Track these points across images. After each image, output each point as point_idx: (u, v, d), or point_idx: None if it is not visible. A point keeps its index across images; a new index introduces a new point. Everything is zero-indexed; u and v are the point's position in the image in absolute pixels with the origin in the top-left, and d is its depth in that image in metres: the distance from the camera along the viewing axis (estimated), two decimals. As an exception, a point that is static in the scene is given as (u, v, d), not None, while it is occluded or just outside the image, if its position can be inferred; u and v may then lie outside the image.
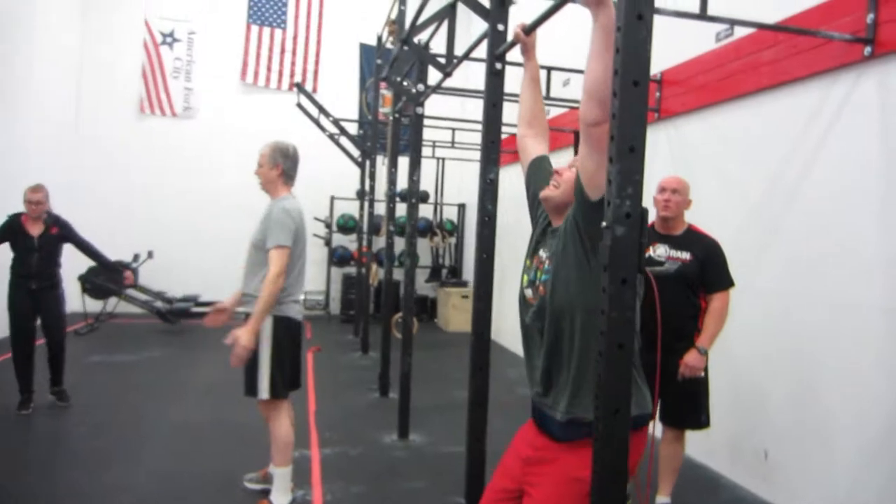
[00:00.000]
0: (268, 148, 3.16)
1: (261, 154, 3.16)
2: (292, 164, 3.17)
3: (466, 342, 8.48)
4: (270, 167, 3.11)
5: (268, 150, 3.15)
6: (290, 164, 3.15)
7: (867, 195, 2.69)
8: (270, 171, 3.11)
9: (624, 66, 1.29)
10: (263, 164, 3.13)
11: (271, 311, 2.94)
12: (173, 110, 9.04)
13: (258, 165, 3.15)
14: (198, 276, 8.58)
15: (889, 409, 2.59)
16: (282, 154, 3.12)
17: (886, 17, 2.54)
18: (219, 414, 4.50)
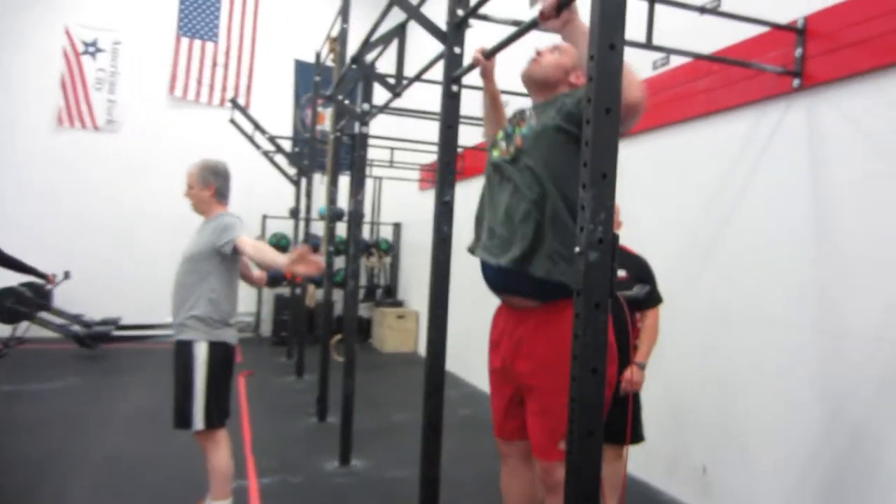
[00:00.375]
0: (195, 167, 3.01)
1: (188, 174, 3.00)
2: (224, 181, 3.04)
3: (403, 363, 8.52)
4: (201, 188, 2.97)
5: (196, 169, 3.00)
6: (222, 182, 3.02)
7: (797, 218, 2.84)
8: (202, 192, 2.97)
9: (597, 94, 1.31)
10: (193, 186, 2.98)
11: (206, 337, 2.82)
12: (95, 123, 8.62)
13: (188, 187, 3.00)
14: (119, 298, 8.20)
15: (819, 426, 2.72)
16: (212, 172, 2.99)
17: (813, 52, 2.71)
18: (149, 445, 4.27)
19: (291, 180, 7.56)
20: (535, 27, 1.85)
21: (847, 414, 2.60)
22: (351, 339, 4.05)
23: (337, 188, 5.09)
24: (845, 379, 2.62)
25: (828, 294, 2.70)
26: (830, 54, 2.62)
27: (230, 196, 3.07)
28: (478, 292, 2.02)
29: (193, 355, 2.80)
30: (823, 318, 2.71)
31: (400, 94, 3.23)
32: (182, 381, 2.81)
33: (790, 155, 2.88)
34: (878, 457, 2.46)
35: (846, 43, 2.55)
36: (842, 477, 2.61)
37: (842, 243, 2.64)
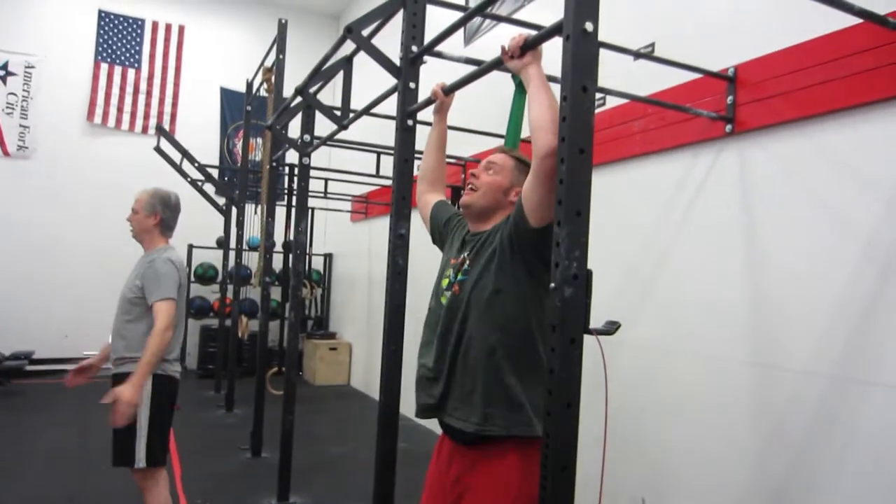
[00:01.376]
0: (146, 194, 2.93)
1: (137, 199, 2.93)
2: (172, 214, 2.98)
3: (335, 396, 8.39)
4: (147, 215, 2.89)
5: (146, 195, 2.93)
6: (169, 215, 2.96)
7: (730, 256, 2.98)
8: (146, 220, 2.90)
9: (570, 134, 1.37)
10: (139, 211, 2.90)
11: (153, 371, 2.71)
12: (5, 149, 8.16)
13: (132, 211, 2.92)
14: (32, 330, 7.72)
15: (755, 458, 2.83)
16: (162, 202, 2.93)
17: (744, 99, 2.88)
18: (73, 484, 4.02)
19: (220, 210, 7.37)
20: (496, 67, 1.90)
21: (782, 446, 2.72)
22: (291, 373, 3.96)
23: (274, 219, 5.00)
24: (780, 412, 2.74)
25: (763, 330, 2.84)
26: (759, 102, 2.80)
27: (174, 229, 2.99)
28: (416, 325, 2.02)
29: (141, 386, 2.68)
30: (759, 353, 2.85)
31: (347, 126, 3.23)
32: None
33: (723, 196, 3.04)
34: (811, 489, 2.58)
35: (774, 93, 2.73)
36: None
37: (773, 282, 2.79)
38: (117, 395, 2.55)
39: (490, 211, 1.93)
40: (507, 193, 1.93)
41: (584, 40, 1.36)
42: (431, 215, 2.23)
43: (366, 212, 8.10)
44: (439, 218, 2.19)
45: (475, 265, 1.84)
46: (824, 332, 2.57)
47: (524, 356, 1.78)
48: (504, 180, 1.93)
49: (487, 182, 1.93)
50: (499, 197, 1.93)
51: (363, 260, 8.27)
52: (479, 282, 1.80)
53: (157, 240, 2.92)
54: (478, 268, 1.82)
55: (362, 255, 8.32)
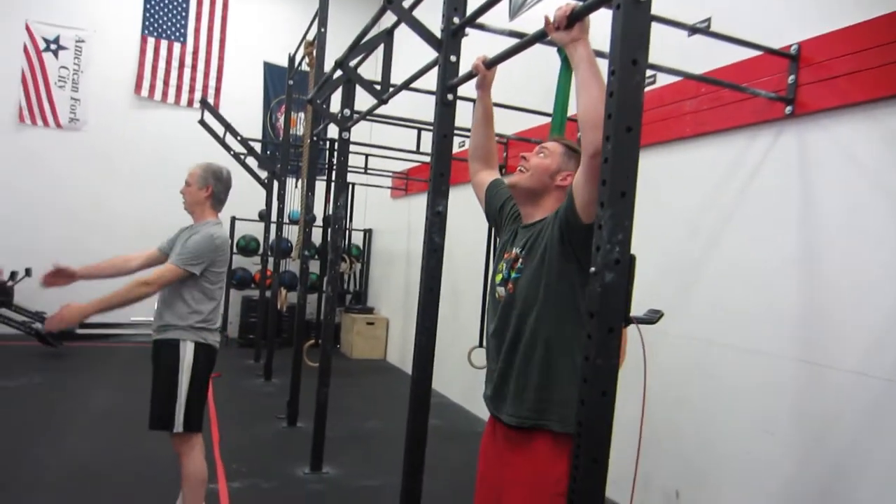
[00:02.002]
0: (199, 168, 2.99)
1: (190, 173, 2.98)
2: (224, 188, 3.02)
3: (372, 369, 8.47)
4: (200, 188, 2.94)
5: (199, 169, 2.98)
6: (221, 188, 3.00)
7: (784, 247, 2.85)
8: (199, 192, 2.94)
9: (618, 111, 1.29)
10: (192, 184, 2.95)
11: (193, 338, 2.76)
12: (58, 121, 8.35)
13: (185, 184, 2.97)
14: (82, 296, 7.92)
15: (797, 456, 2.74)
16: (214, 176, 2.97)
17: (806, 80, 2.72)
18: (115, 446, 4.14)
19: (262, 183, 7.43)
20: (540, 39, 1.83)
21: (826, 446, 2.61)
22: (327, 346, 3.97)
23: (314, 193, 5.00)
24: (826, 411, 2.63)
25: (812, 325, 2.71)
26: (824, 83, 2.64)
27: (225, 203, 3.02)
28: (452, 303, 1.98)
29: (179, 356, 2.75)
30: (807, 348, 2.73)
31: (386, 100, 3.18)
32: (165, 382, 2.75)
33: (780, 182, 2.89)
34: (856, 492, 2.48)
35: (840, 72, 2.56)
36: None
37: (829, 274, 2.66)
38: (67, 304, 2.61)
39: (537, 194, 1.90)
40: (555, 177, 1.89)
41: (636, 10, 1.28)
42: (487, 198, 2.18)
43: (406, 188, 8.07)
44: (494, 202, 2.14)
45: (528, 263, 1.82)
46: (882, 332, 2.43)
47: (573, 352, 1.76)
48: (552, 164, 1.90)
49: (536, 164, 1.91)
50: (545, 180, 1.89)
51: (402, 236, 8.26)
52: (532, 280, 1.79)
53: (207, 213, 2.96)
54: (531, 266, 1.80)
55: (401, 231, 8.31)
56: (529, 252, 1.82)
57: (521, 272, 1.82)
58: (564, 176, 1.88)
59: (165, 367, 2.75)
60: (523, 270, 1.82)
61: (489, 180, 2.17)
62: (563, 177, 1.88)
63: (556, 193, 1.88)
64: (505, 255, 1.94)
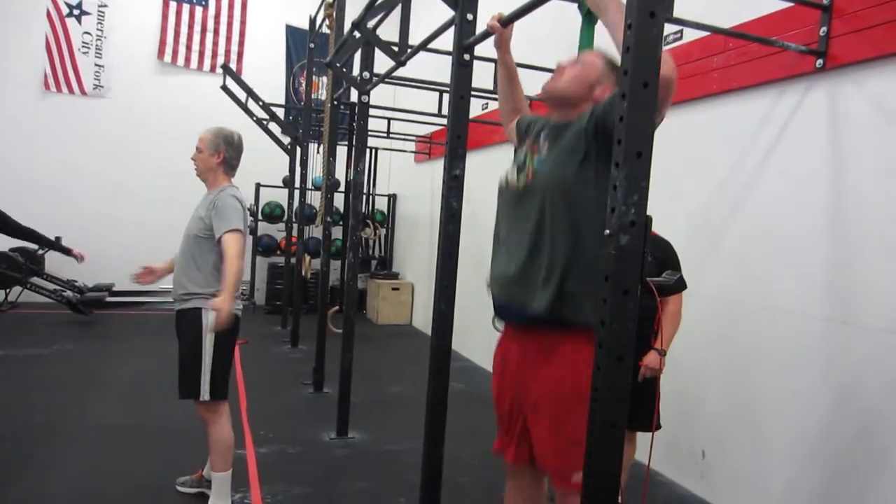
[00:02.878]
0: (209, 133, 2.93)
1: (201, 138, 2.93)
2: (236, 153, 2.98)
3: (397, 334, 8.50)
4: (211, 153, 2.90)
5: (209, 135, 2.93)
6: (233, 153, 2.96)
7: (813, 206, 2.77)
8: (210, 159, 2.90)
9: (635, 66, 1.24)
10: (203, 150, 2.91)
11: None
12: (83, 88, 8.41)
13: (196, 150, 2.93)
14: (111, 263, 8.07)
15: (823, 416, 2.70)
16: (225, 141, 2.93)
17: (839, 31, 2.61)
18: (144, 412, 4.24)
19: (285, 149, 7.43)
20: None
21: (855, 405, 2.57)
22: (350, 313, 3.99)
23: (335, 159, 4.98)
24: (855, 370, 2.58)
25: (841, 284, 2.65)
26: (857, 34, 2.52)
27: (237, 169, 3.00)
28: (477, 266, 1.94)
29: (202, 324, 2.76)
30: (835, 307, 2.67)
31: (404, 62, 3.12)
32: (190, 351, 2.76)
33: (809, 139, 2.79)
34: (885, 449, 2.44)
35: (875, 22, 2.44)
36: (846, 467, 2.59)
37: (858, 232, 2.58)
38: (217, 305, 2.63)
39: (573, 102, 1.82)
40: (593, 88, 1.81)
41: (653, -41, 1.21)
42: (516, 128, 2.12)
43: (429, 152, 8.01)
44: (522, 126, 2.07)
45: (553, 150, 1.75)
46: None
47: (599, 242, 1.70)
48: (592, 74, 1.82)
49: (574, 73, 1.83)
50: (584, 90, 1.82)
51: (426, 201, 8.24)
52: (557, 166, 1.72)
53: (220, 178, 2.93)
54: (556, 152, 1.73)
55: (425, 196, 8.28)
56: (556, 140, 1.75)
57: (543, 162, 1.76)
58: (604, 88, 1.80)
59: (189, 336, 2.77)
60: (547, 158, 1.75)
61: (518, 118, 2.14)
62: (602, 89, 1.80)
63: (596, 94, 1.80)
64: (527, 144, 1.88)
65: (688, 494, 3.40)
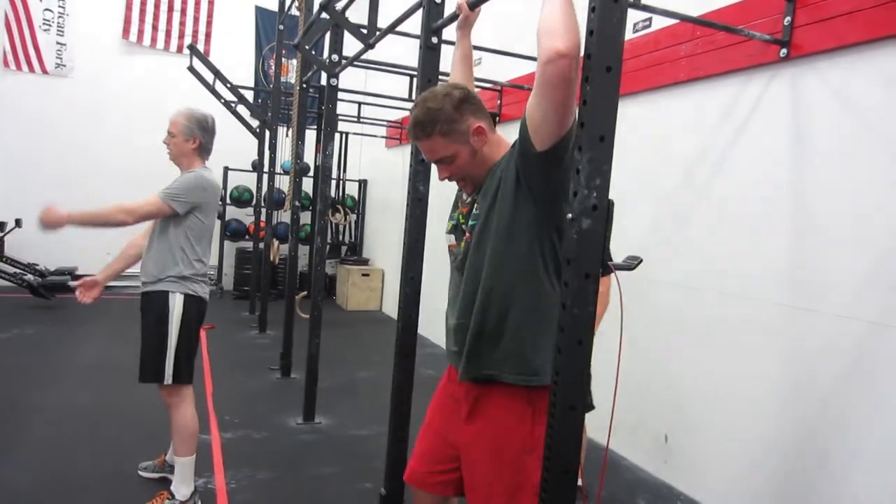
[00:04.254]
0: (182, 117, 2.83)
1: (173, 122, 2.82)
2: (210, 137, 2.90)
3: (366, 321, 8.44)
4: (186, 139, 2.80)
5: (182, 118, 2.82)
6: (207, 139, 2.88)
7: (776, 193, 2.82)
8: (185, 144, 2.81)
9: (598, 50, 1.23)
10: (177, 135, 2.80)
11: (182, 290, 2.73)
12: (44, 67, 8.18)
13: (169, 135, 2.82)
14: (73, 247, 7.89)
15: (784, 399, 2.76)
16: (199, 126, 2.83)
17: (802, 21, 2.64)
18: (106, 396, 4.17)
19: (254, 133, 7.32)
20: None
21: (814, 388, 2.63)
22: (317, 297, 3.97)
23: (304, 143, 4.92)
24: (815, 355, 2.63)
25: (802, 270, 2.70)
26: (820, 24, 2.56)
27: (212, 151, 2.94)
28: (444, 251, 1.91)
29: (169, 307, 2.71)
30: (796, 293, 2.72)
31: (373, 45, 3.08)
32: (154, 334, 2.72)
33: (772, 127, 2.84)
34: (842, 432, 2.50)
35: (837, 12, 2.48)
36: (805, 449, 2.65)
37: (819, 220, 2.63)
38: (49, 208, 2.54)
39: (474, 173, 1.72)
40: (474, 154, 1.70)
41: (617, -59, 1.21)
42: None
43: (400, 138, 7.96)
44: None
45: (482, 206, 1.67)
46: (869, 276, 2.43)
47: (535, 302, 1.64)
48: (461, 160, 1.69)
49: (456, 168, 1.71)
50: (471, 168, 1.71)
51: (397, 186, 8.19)
52: (487, 224, 1.64)
53: (195, 162, 2.85)
54: (484, 208, 1.65)
55: (397, 181, 8.23)
56: (484, 196, 1.67)
57: (476, 218, 1.68)
58: (473, 128, 1.65)
59: (154, 319, 2.72)
60: (478, 216, 1.67)
61: None
62: (474, 129, 1.66)
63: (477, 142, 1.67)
64: (458, 202, 1.83)
65: (650, 478, 3.46)
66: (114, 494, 2.89)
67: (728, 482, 3.02)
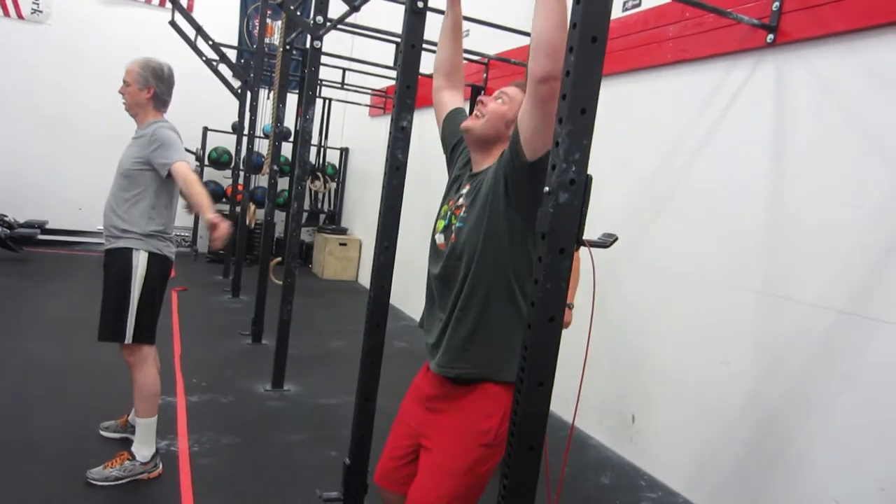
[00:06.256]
0: (137, 65, 2.75)
1: (128, 70, 2.75)
2: (167, 87, 2.81)
3: (342, 290, 8.41)
4: (140, 88, 2.73)
5: (137, 67, 2.75)
6: (163, 88, 2.80)
7: (753, 180, 2.82)
8: (140, 93, 2.74)
9: (583, 19, 1.19)
10: (131, 84, 2.74)
11: (147, 248, 2.67)
12: (19, 11, 7.91)
13: (124, 83, 2.75)
14: (45, 200, 7.76)
15: (751, 384, 2.79)
16: (154, 75, 2.75)
17: (790, 7, 2.62)
18: (71, 353, 4.11)
19: (235, 93, 7.18)
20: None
21: (781, 374, 2.66)
22: (291, 263, 3.92)
23: (285, 106, 4.83)
24: (782, 342, 2.66)
25: (774, 257, 2.72)
26: (807, 11, 2.54)
27: (170, 104, 2.85)
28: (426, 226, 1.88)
29: (132, 264, 2.65)
30: (767, 280, 2.73)
31: (358, 7, 3.01)
32: (116, 291, 2.65)
33: (755, 112, 2.83)
34: (805, 419, 2.54)
35: (825, 0, 2.47)
36: (770, 432, 2.68)
37: (794, 207, 2.64)
38: (214, 221, 2.52)
39: (489, 141, 1.76)
40: (510, 125, 1.74)
41: None
42: (443, 127, 2.04)
43: (384, 107, 7.87)
44: (449, 137, 1.99)
45: (471, 211, 1.69)
46: (842, 265, 2.44)
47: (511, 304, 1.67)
48: (510, 111, 1.74)
49: (492, 110, 1.75)
50: (500, 127, 1.75)
51: (379, 156, 8.06)
52: (474, 228, 1.66)
53: (150, 114, 2.79)
54: (473, 214, 1.68)
55: (378, 151, 8.11)
56: (474, 200, 1.70)
57: (464, 221, 1.70)
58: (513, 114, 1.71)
59: (117, 276, 2.65)
60: (466, 219, 1.69)
61: (450, 107, 2.01)
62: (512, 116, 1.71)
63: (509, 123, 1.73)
64: (449, 201, 1.83)
65: (616, 458, 3.49)
66: (73, 453, 2.84)
67: (692, 464, 3.06)
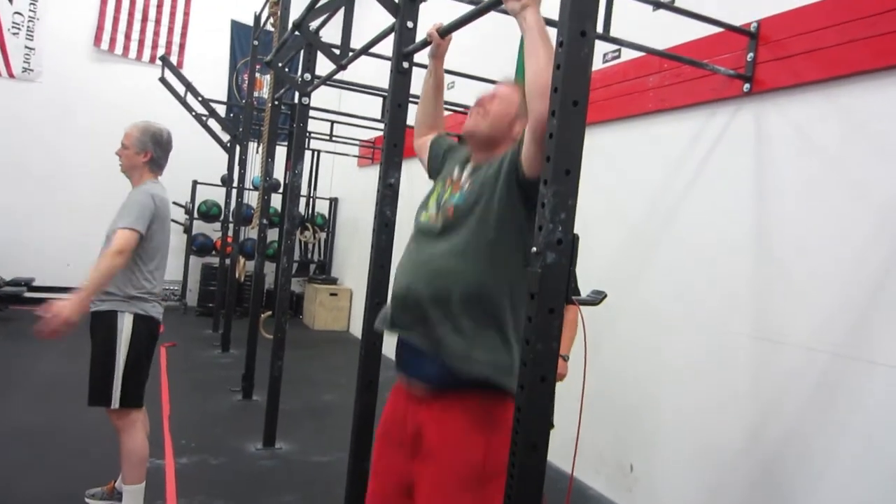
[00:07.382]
0: (137, 130, 2.79)
1: (126, 134, 2.80)
2: (163, 152, 2.85)
3: (333, 340, 8.32)
4: (137, 152, 2.77)
5: (136, 132, 2.78)
6: (160, 153, 2.83)
7: (739, 224, 2.85)
8: (136, 157, 2.77)
9: (564, 84, 1.23)
10: (129, 147, 2.77)
11: (132, 310, 2.64)
12: (10, 71, 7.98)
13: (122, 146, 2.79)
14: (31, 257, 7.70)
15: (747, 428, 2.77)
16: (153, 140, 2.79)
17: (764, 58, 2.70)
18: (56, 416, 4.02)
19: (224, 147, 7.24)
20: (495, 7, 1.75)
21: (776, 418, 2.64)
22: (282, 318, 3.89)
23: (273, 159, 4.87)
24: (778, 385, 2.65)
25: (765, 300, 2.73)
26: (781, 61, 2.62)
27: (165, 167, 2.88)
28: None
29: (117, 328, 2.61)
30: (759, 324, 2.74)
31: (345, 66, 3.07)
32: (102, 355, 2.62)
33: (735, 159, 2.89)
34: (803, 463, 2.51)
35: (797, 51, 2.55)
36: (766, 478, 2.65)
37: (781, 250, 2.67)
38: (56, 309, 2.36)
39: (494, 141, 1.79)
40: (512, 125, 1.79)
41: (586, -23, 1.21)
42: (430, 148, 2.05)
43: (372, 157, 7.94)
44: (438, 150, 2.03)
45: (472, 188, 1.69)
46: (831, 307, 2.46)
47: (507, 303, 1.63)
48: (511, 110, 1.79)
49: (496, 111, 1.79)
50: (504, 127, 1.79)
51: (368, 206, 8.09)
52: (475, 205, 1.65)
53: (145, 175, 2.81)
54: (475, 190, 1.67)
55: (367, 201, 8.15)
56: (476, 178, 1.70)
57: (464, 198, 1.68)
58: (521, 124, 1.75)
59: (102, 340, 2.62)
60: (466, 195, 1.68)
61: (432, 137, 2.09)
62: (521, 125, 1.76)
63: (511, 142, 1.76)
64: (447, 179, 1.82)
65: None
66: (60, 521, 2.78)
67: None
